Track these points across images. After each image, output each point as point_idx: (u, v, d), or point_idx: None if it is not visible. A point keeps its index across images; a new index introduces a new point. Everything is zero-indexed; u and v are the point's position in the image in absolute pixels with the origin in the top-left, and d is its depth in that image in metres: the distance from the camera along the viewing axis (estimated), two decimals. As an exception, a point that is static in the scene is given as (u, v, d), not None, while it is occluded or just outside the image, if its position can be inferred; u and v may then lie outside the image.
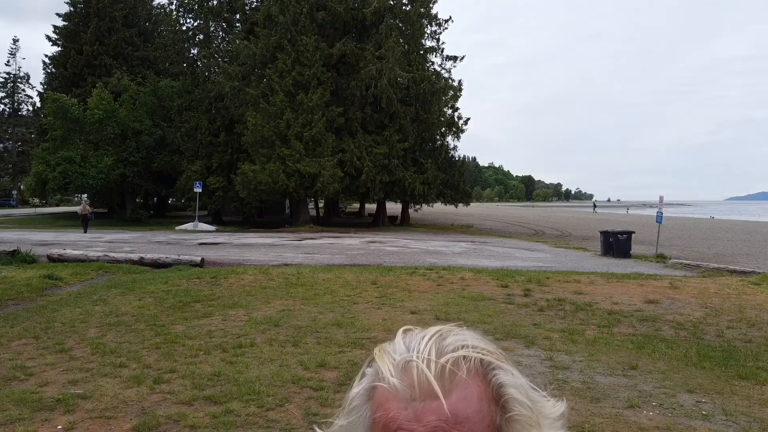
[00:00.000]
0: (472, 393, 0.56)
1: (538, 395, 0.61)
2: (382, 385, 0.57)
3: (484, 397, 0.56)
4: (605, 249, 17.74)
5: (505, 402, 0.57)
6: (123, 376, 5.29)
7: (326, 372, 5.49)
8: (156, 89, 34.92)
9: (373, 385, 0.59)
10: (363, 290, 9.97)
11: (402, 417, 0.55)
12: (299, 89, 27.90)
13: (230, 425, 4.19)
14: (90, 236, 23.36)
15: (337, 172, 28.01)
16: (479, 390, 0.56)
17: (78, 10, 39.76)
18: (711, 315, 8.35)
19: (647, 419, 4.44)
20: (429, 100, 30.96)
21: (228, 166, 31.57)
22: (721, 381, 5.47)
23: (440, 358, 0.57)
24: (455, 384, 0.56)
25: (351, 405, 0.61)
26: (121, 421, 4.25)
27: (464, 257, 16.64)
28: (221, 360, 5.85)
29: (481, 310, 8.54)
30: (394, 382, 0.56)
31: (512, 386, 0.58)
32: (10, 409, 4.41)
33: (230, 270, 12.16)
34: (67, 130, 32.77)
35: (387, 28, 29.24)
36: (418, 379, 0.56)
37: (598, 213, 76.65)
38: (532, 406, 0.59)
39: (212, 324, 7.53)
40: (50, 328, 7.14)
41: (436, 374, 0.56)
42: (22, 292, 9.80)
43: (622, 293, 9.86)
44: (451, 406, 0.54)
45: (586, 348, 6.56)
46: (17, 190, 64.54)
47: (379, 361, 0.60)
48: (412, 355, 0.58)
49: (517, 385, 0.58)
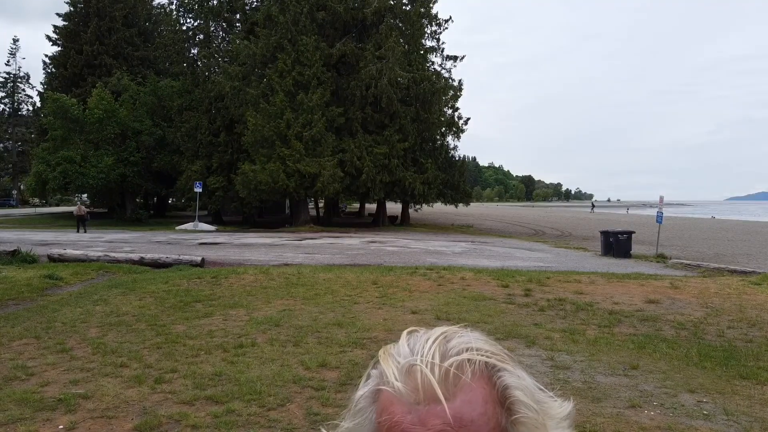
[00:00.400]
0: (476, 396, 0.56)
1: (544, 396, 0.61)
2: (387, 389, 0.57)
3: (489, 399, 0.56)
4: (605, 249, 17.74)
5: (510, 404, 0.57)
6: (124, 375, 5.29)
7: (327, 372, 5.49)
8: (156, 89, 34.92)
9: (377, 388, 0.59)
10: (364, 290, 9.97)
11: (406, 421, 0.55)
12: (299, 89, 27.90)
13: (232, 425, 4.19)
14: (90, 236, 23.37)
15: (337, 172, 28.02)
16: (484, 393, 0.56)
17: (78, 10, 39.77)
18: (712, 315, 8.36)
19: (648, 419, 4.44)
20: (429, 100, 30.96)
21: (228, 166, 31.57)
22: (722, 381, 5.47)
23: (444, 362, 0.57)
24: (459, 388, 0.56)
25: (356, 407, 0.61)
26: (122, 421, 4.25)
27: (464, 257, 16.64)
28: (222, 360, 5.85)
29: (481, 310, 8.54)
30: (398, 386, 0.56)
31: (517, 388, 0.58)
32: (12, 408, 4.41)
33: (231, 270, 12.16)
34: (67, 130, 32.77)
35: (387, 28, 29.24)
36: (422, 383, 0.55)
37: (597, 213, 76.65)
38: (538, 407, 0.58)
39: (213, 324, 7.53)
40: (51, 328, 7.14)
41: (439, 378, 0.56)
42: (23, 292, 9.81)
43: (623, 293, 9.86)
44: (455, 409, 0.54)
45: (587, 348, 6.56)
46: (17, 190, 64.53)
47: (384, 364, 0.60)
48: (416, 359, 0.58)
49: (522, 387, 0.58)
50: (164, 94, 34.84)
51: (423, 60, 33.50)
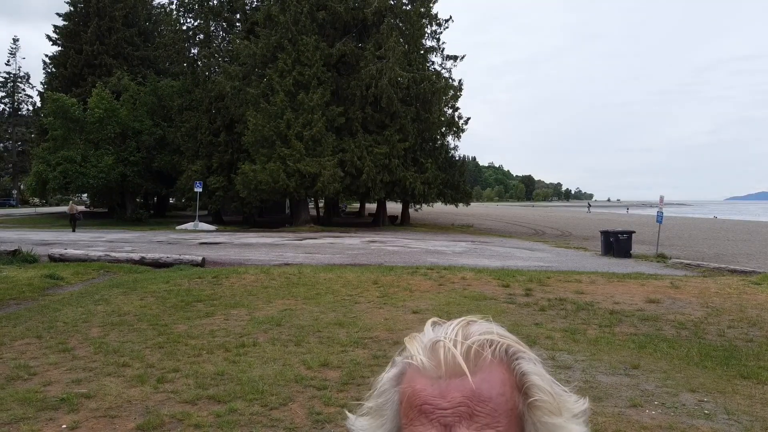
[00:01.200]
0: (495, 376, 0.58)
1: (559, 389, 0.63)
2: (411, 363, 0.60)
3: (507, 382, 0.59)
4: (606, 249, 17.75)
5: (527, 388, 0.59)
6: (126, 375, 5.30)
7: (329, 371, 5.50)
8: (156, 89, 34.93)
9: (402, 368, 0.62)
10: (364, 290, 9.98)
11: (427, 393, 0.57)
12: (299, 89, 27.90)
13: (234, 424, 4.20)
14: (91, 236, 23.37)
15: (338, 171, 28.02)
16: (503, 376, 0.59)
17: (78, 10, 39.75)
18: (712, 315, 8.37)
19: (650, 418, 4.45)
20: (429, 100, 30.97)
21: (228, 165, 31.58)
22: (722, 380, 5.48)
23: (467, 341, 0.60)
24: (480, 365, 0.58)
25: (381, 389, 0.64)
26: (125, 421, 4.26)
27: (465, 257, 16.65)
28: (224, 359, 5.86)
29: (482, 310, 8.55)
30: (422, 359, 0.59)
31: (535, 374, 0.60)
32: (15, 408, 4.42)
33: (231, 270, 12.17)
34: (67, 129, 32.76)
35: (387, 27, 29.25)
36: (445, 358, 0.58)
37: (597, 213, 76.75)
38: (554, 393, 0.60)
39: (214, 323, 7.54)
40: (53, 328, 7.15)
41: (462, 354, 0.58)
42: (24, 291, 9.82)
43: (624, 293, 9.87)
44: (475, 385, 0.56)
45: (587, 347, 6.58)
46: (17, 189, 64.55)
47: (409, 345, 0.63)
48: (440, 336, 0.61)
49: (539, 373, 0.61)
50: (164, 94, 34.85)
51: (423, 60, 33.51)
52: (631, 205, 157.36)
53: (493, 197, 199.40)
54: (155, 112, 35.08)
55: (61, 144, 33.06)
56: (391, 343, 6.49)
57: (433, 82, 31.04)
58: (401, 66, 29.08)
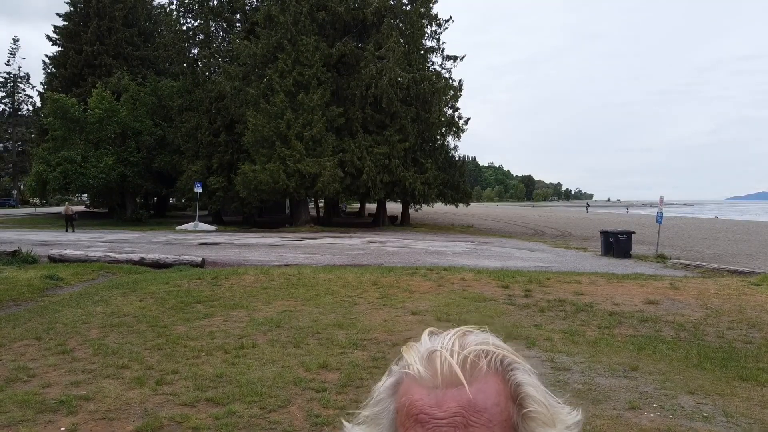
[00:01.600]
0: (491, 387, 0.59)
1: (554, 401, 0.63)
2: (408, 372, 0.61)
3: (503, 393, 0.59)
4: (605, 249, 17.75)
5: (522, 399, 0.60)
6: (125, 377, 5.30)
7: (328, 373, 5.50)
8: (156, 89, 34.92)
9: (399, 377, 0.63)
10: (364, 291, 9.98)
11: (424, 402, 0.58)
12: (299, 89, 27.90)
13: (233, 427, 4.20)
14: (90, 236, 23.38)
15: (338, 172, 28.02)
16: (498, 386, 0.59)
17: (78, 10, 39.75)
18: (711, 316, 8.37)
19: (648, 421, 4.45)
20: (429, 100, 30.96)
21: (228, 166, 31.58)
22: (721, 382, 5.48)
23: (463, 351, 0.60)
24: (476, 376, 0.59)
25: (378, 398, 0.64)
26: (124, 423, 4.26)
27: (465, 257, 16.64)
28: (223, 361, 5.86)
29: (482, 311, 8.56)
30: (419, 368, 0.60)
31: (530, 385, 0.61)
32: (13, 410, 4.42)
33: (231, 270, 12.17)
34: (67, 130, 32.76)
35: (387, 28, 29.25)
36: (441, 368, 0.59)
37: (596, 213, 76.76)
38: (548, 405, 0.61)
39: (214, 325, 7.54)
40: (52, 329, 7.15)
41: (459, 363, 0.59)
42: (24, 292, 9.82)
43: (623, 294, 9.87)
44: (471, 395, 0.57)
45: (587, 349, 6.58)
46: (17, 190, 64.54)
47: (406, 355, 0.63)
48: (437, 346, 0.61)
49: (534, 384, 0.61)
50: (164, 94, 34.84)
51: (423, 60, 33.49)
52: (631, 205, 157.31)
53: (493, 197, 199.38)
54: (155, 113, 35.08)
55: (61, 144, 33.06)
56: (390, 345, 6.49)
57: (433, 83, 31.03)
58: (401, 66, 29.08)
